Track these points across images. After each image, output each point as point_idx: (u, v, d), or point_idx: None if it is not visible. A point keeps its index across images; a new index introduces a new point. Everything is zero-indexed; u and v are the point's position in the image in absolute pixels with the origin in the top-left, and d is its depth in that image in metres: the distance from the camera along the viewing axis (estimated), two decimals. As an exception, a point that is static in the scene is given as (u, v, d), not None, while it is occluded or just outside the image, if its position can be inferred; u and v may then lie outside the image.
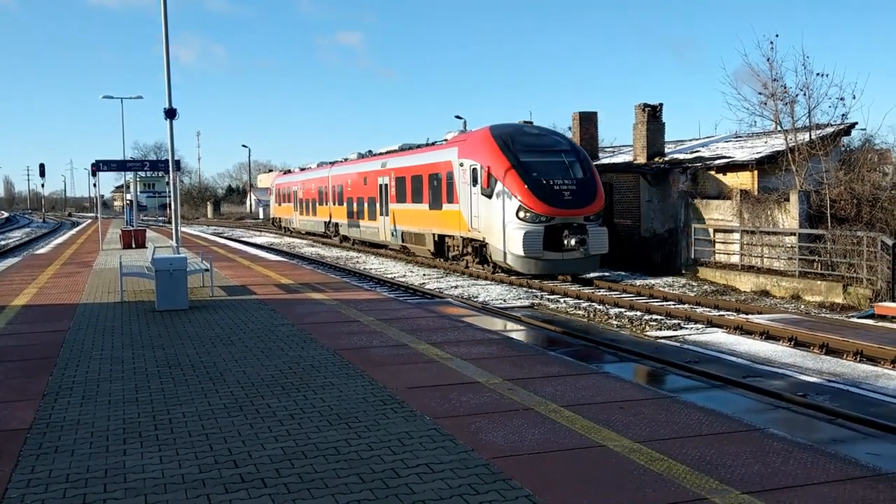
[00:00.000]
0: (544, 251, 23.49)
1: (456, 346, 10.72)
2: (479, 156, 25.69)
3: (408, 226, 32.64)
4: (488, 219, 25.00)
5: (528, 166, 24.43)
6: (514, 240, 23.65)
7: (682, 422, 7.08)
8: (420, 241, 31.61)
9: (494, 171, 24.69)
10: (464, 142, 27.49)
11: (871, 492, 5.34)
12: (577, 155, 25.66)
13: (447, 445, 6.47)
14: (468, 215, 26.25)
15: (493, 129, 26.46)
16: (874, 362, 12.27)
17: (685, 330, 15.70)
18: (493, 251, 25.03)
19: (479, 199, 25.46)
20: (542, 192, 23.83)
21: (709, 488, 5.43)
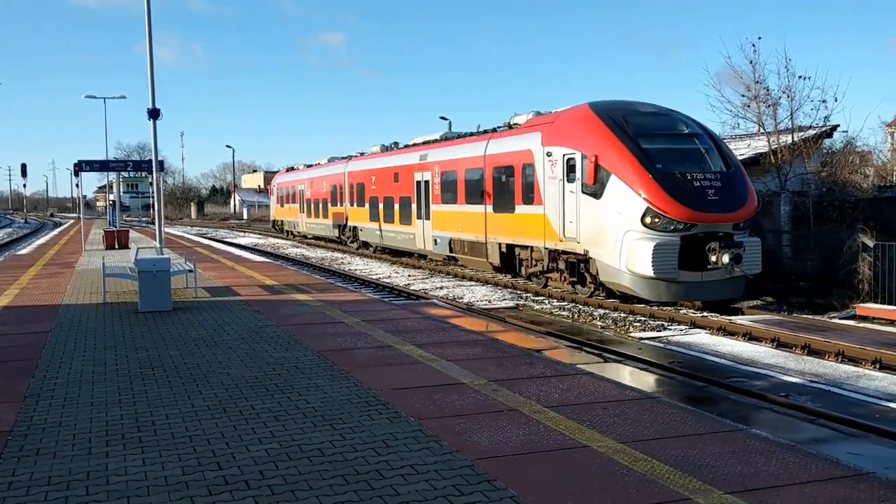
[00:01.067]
0: (680, 270, 17.19)
1: (441, 348, 10.72)
2: (579, 141, 19.41)
3: (458, 232, 26.35)
4: (594, 225, 18.80)
5: (652, 155, 18.14)
6: (638, 254, 17.29)
7: (666, 422, 7.11)
8: (477, 252, 25.30)
9: (605, 160, 18.37)
10: (550, 124, 21.09)
11: (852, 491, 5.39)
12: (712, 140, 19.41)
13: (432, 447, 6.47)
14: (558, 220, 20.08)
15: (596, 106, 20.20)
16: (855, 363, 12.38)
17: (669, 331, 15.78)
18: (601, 269, 18.73)
19: (577, 200, 19.26)
20: (677, 190, 17.42)
21: (692, 488, 5.46)
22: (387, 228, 33.34)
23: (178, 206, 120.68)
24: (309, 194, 46.34)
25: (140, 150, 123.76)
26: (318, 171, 45.48)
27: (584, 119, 19.74)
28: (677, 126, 19.52)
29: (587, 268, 19.63)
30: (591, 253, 19.06)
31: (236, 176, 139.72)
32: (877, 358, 12.14)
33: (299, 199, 48.77)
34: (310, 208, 46.24)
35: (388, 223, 33.14)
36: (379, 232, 34.31)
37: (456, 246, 26.91)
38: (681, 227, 17.28)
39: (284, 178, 54.05)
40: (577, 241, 19.44)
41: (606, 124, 18.98)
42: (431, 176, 28.33)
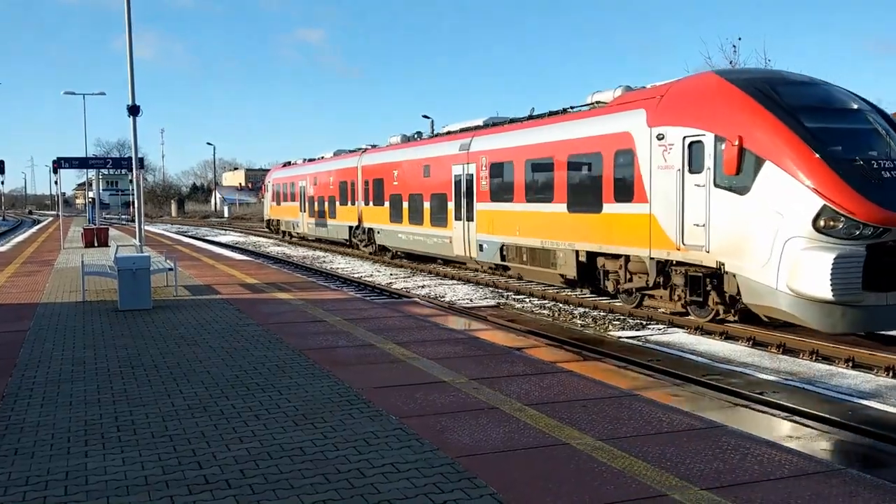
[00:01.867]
0: (864, 291, 12.78)
1: (422, 346, 10.77)
2: (711, 118, 14.76)
3: (514, 236, 21.86)
4: (734, 229, 14.18)
5: (821, 137, 13.73)
6: (809, 269, 12.92)
7: (644, 419, 7.20)
8: (541, 261, 20.64)
9: (755, 143, 13.88)
10: (660, 99, 16.21)
11: (825, 487, 5.50)
12: (885, 119, 14.93)
13: (413, 445, 6.52)
14: (673, 222, 15.43)
15: (728, 74, 15.97)
16: (829, 361, 12.55)
17: (648, 330, 15.92)
18: (745, 287, 14.13)
19: (708, 195, 14.61)
20: (863, 183, 13.11)
21: (669, 485, 5.54)
22: (413, 231, 28.77)
23: (159, 204, 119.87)
24: (311, 192, 41.49)
25: (120, 147, 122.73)
26: (322, 165, 40.71)
27: (718, 90, 15.01)
28: (842, 100, 14.98)
29: (718, 285, 15.01)
30: (728, 266, 14.33)
31: (217, 174, 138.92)
32: (850, 357, 12.32)
33: (299, 197, 44.03)
34: (312, 207, 41.54)
35: (414, 224, 28.67)
36: (403, 235, 29.85)
37: (510, 253, 22.27)
38: (868, 231, 12.85)
39: (281, 174, 49.14)
40: (704, 249, 14.71)
41: (753, 96, 14.39)
42: (476, 169, 23.90)
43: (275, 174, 51.55)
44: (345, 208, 36.46)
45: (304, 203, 43.04)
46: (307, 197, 42.41)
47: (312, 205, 41.58)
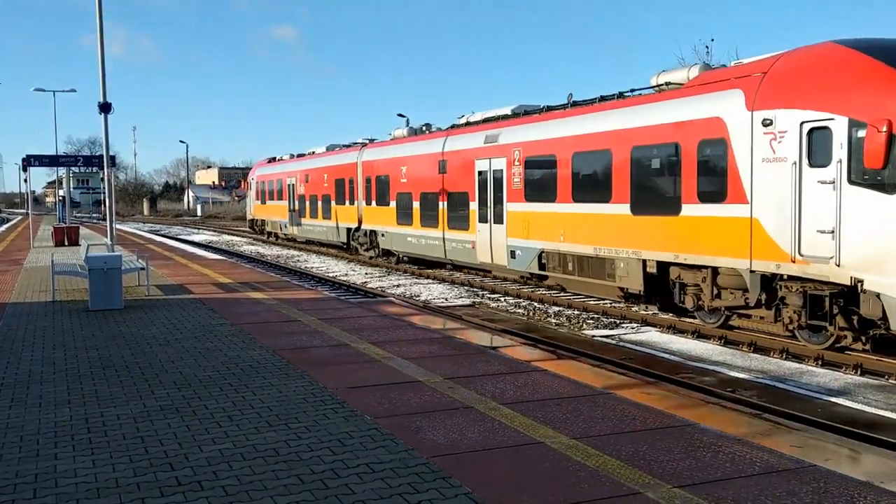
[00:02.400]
0: None
1: (397, 346, 10.76)
2: (842, 98, 11.95)
3: (557, 242, 18.82)
4: (883, 237, 11.41)
5: None
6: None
7: (617, 418, 7.26)
8: (594, 271, 17.77)
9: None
10: (762, 77, 13.34)
11: (794, 484, 5.57)
12: None
13: (387, 445, 6.51)
14: (787, 227, 12.64)
15: (857, 44, 12.59)
16: (799, 360, 12.71)
17: (621, 329, 16.03)
18: (893, 310, 11.38)
19: (839, 194, 11.86)
20: None
21: (642, 483, 5.58)
22: (426, 234, 25.37)
23: (131, 203, 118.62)
24: (302, 190, 38.10)
25: (91, 144, 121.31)
26: (314, 161, 37.51)
27: (851, 62, 12.25)
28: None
29: (845, 306, 12.33)
30: (868, 283, 11.55)
31: (190, 172, 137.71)
32: (819, 355, 12.49)
33: (288, 196, 40.57)
34: (304, 206, 38.09)
35: (427, 227, 25.26)
36: (413, 238, 26.49)
37: (551, 261, 19.23)
38: None
39: (267, 171, 45.54)
40: (832, 262, 11.93)
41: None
42: (507, 164, 20.87)
43: (259, 171, 47.40)
44: (342, 208, 33.11)
45: (294, 202, 39.59)
46: (297, 195, 38.99)
47: (303, 204, 38.06)
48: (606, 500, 5.27)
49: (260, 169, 47.48)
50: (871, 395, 10.54)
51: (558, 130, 18.88)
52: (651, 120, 15.85)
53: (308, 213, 37.50)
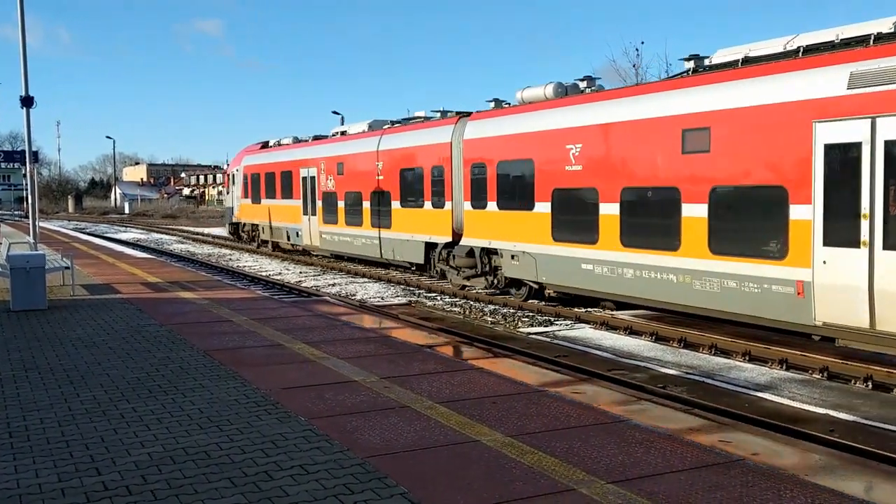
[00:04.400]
0: None
1: (333, 345, 10.66)
2: None
3: None
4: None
5: None
6: None
7: (552, 415, 7.32)
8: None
9: None
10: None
11: (723, 477, 5.70)
12: None
13: (322, 446, 6.44)
14: None
15: None
16: (727, 355, 13.06)
17: (556, 326, 16.22)
18: None
19: None
20: None
21: (576, 479, 5.64)
22: (654, 263, 14.40)
23: (55, 200, 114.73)
24: (331, 184, 27.52)
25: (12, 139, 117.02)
26: (355, 143, 26.34)
27: None
28: None
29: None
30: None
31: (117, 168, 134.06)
32: (746, 350, 12.85)
33: (303, 193, 29.75)
34: (333, 207, 27.47)
35: (652, 249, 14.47)
36: (607, 269, 15.52)
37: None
38: None
39: (262, 159, 34.14)
40: None
41: None
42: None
43: (248, 160, 35.67)
44: (417, 212, 22.40)
45: (313, 202, 28.84)
46: (321, 192, 28.24)
47: (333, 204, 27.47)
48: (541, 498, 5.31)
49: (249, 157, 35.58)
50: (796, 389, 10.89)
51: None
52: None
53: (342, 217, 26.67)
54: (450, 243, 21.10)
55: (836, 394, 10.61)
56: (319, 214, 28.52)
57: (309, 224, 29.51)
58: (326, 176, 27.97)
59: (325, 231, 28.23)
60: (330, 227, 27.83)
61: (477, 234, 19.65)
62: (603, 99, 16.15)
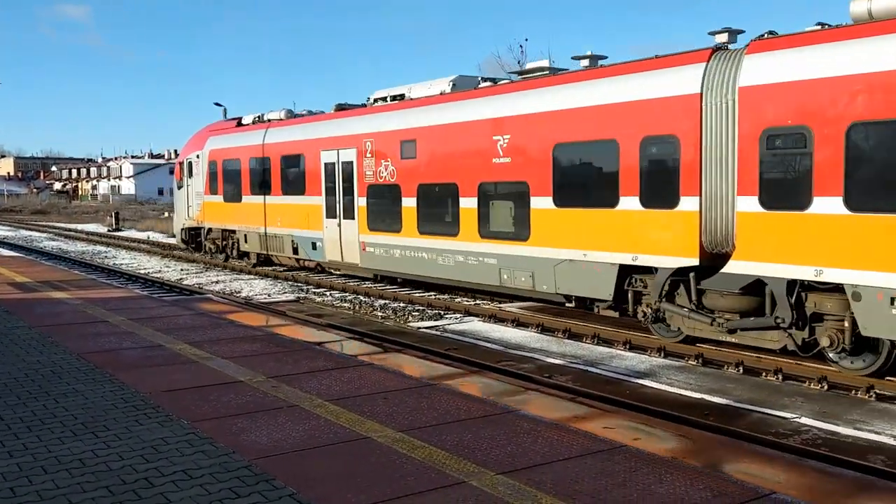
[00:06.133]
0: None
1: (217, 345, 10.34)
2: None
3: None
4: None
5: None
6: None
7: (443, 408, 7.35)
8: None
9: None
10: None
11: (608, 463, 5.87)
12: None
13: (206, 449, 6.22)
14: None
15: None
16: (610, 344, 13.50)
17: (445, 320, 16.33)
18: None
19: None
20: None
21: (467, 472, 5.68)
22: None
23: None
24: (389, 173, 18.63)
25: None
26: (435, 111, 17.57)
27: None
28: None
29: None
30: None
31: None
32: (627, 339, 13.32)
33: (330, 187, 20.78)
34: (394, 208, 18.63)
35: None
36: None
37: None
38: None
39: (240, 141, 25.08)
40: None
41: None
42: None
43: (216, 142, 26.48)
44: (602, 216, 13.71)
45: (348, 198, 20.15)
46: (366, 186, 19.46)
47: (390, 202, 18.79)
48: (432, 492, 5.31)
49: (218, 139, 26.48)
50: (674, 375, 11.36)
51: None
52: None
53: (412, 221, 18.01)
54: (690, 269, 12.41)
55: (710, 379, 11.14)
56: (361, 217, 19.54)
57: (339, 231, 20.37)
58: (378, 161, 18.80)
59: (372, 242, 19.23)
60: (384, 236, 18.84)
61: (775, 254, 11.14)
62: None
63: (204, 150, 26.91)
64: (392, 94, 19.62)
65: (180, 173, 28.64)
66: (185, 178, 28.16)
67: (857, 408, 9.47)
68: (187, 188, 28.12)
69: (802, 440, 8.35)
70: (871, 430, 8.59)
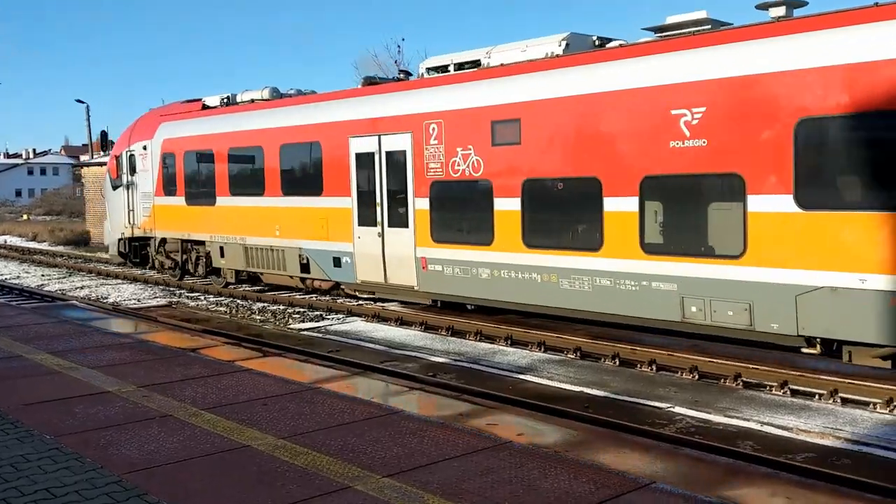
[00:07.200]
0: None
1: (82, 354, 9.75)
2: None
3: None
4: None
5: None
6: None
7: (326, 412, 7.18)
8: None
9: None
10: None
11: (494, 460, 5.88)
12: None
13: (72, 465, 5.82)
14: None
15: None
16: (492, 340, 13.63)
17: (327, 321, 16.05)
18: None
19: None
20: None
21: (351, 476, 5.54)
22: None
23: None
24: (470, 164, 13.68)
25: None
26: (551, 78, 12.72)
27: None
28: None
29: None
30: None
31: None
32: (508, 335, 13.49)
33: (365, 185, 15.72)
34: (480, 214, 13.70)
35: None
36: None
37: None
38: None
39: (210, 127, 19.76)
40: None
41: None
42: None
43: (171, 129, 21.00)
44: None
45: (388, 201, 15.35)
46: (429, 182, 14.45)
47: (464, 206, 14.18)
48: (316, 499, 5.15)
49: (172, 126, 21.01)
50: (554, 369, 11.58)
51: None
52: None
53: (511, 232, 13.23)
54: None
55: (589, 372, 11.42)
56: (421, 225, 14.57)
57: (381, 243, 15.36)
58: (450, 149, 13.97)
59: (439, 258, 14.31)
60: (462, 250, 13.96)
61: None
62: None
63: (155, 139, 21.28)
64: (458, 60, 14.72)
65: (116, 169, 22.62)
66: (125, 175, 22.26)
67: (726, 396, 9.93)
68: (128, 188, 22.20)
69: (677, 429, 8.67)
70: (740, 417, 9.02)
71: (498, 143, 13.29)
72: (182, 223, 20.54)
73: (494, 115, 13.32)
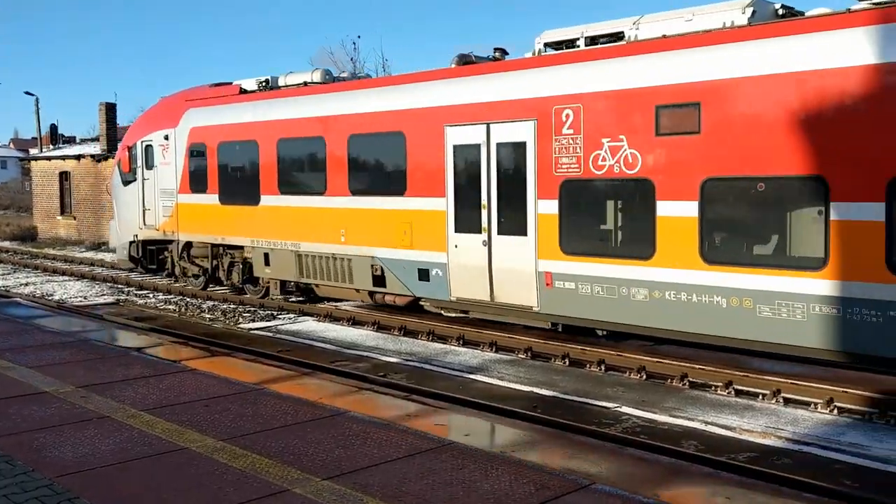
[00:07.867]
0: None
1: (20, 353, 9.50)
2: None
3: None
4: None
5: None
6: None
7: (269, 414, 7.07)
8: None
9: None
10: None
11: (436, 462, 5.84)
12: None
13: (2, 468, 5.65)
14: None
15: None
16: (444, 340, 13.60)
17: (279, 320, 15.87)
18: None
19: None
20: None
21: (291, 479, 5.46)
22: None
23: None
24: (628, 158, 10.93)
25: None
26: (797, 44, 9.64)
27: None
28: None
29: None
30: None
31: None
32: (461, 335, 13.47)
33: (467, 184, 12.86)
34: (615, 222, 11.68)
35: None
36: None
37: None
38: None
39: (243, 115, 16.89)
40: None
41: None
42: None
43: (199, 117, 17.98)
44: None
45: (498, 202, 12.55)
46: (550, 181, 11.81)
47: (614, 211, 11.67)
48: (252, 502, 5.05)
49: (202, 113, 18.00)
50: (504, 369, 11.59)
51: None
52: None
53: (693, 243, 10.36)
54: None
55: (538, 371, 11.45)
56: (546, 232, 11.93)
57: (487, 254, 12.69)
58: (592, 140, 11.33)
59: (572, 273, 11.65)
60: (606, 264, 11.33)
61: None
62: None
63: (180, 127, 18.27)
64: (591, 34, 12.14)
65: (129, 162, 19.51)
66: (140, 168, 19.21)
67: (672, 396, 10.03)
68: (142, 183, 19.21)
69: (623, 429, 8.73)
70: (685, 416, 9.12)
71: (664, 132, 10.62)
72: (214, 225, 17.57)
73: (659, 98, 10.65)
